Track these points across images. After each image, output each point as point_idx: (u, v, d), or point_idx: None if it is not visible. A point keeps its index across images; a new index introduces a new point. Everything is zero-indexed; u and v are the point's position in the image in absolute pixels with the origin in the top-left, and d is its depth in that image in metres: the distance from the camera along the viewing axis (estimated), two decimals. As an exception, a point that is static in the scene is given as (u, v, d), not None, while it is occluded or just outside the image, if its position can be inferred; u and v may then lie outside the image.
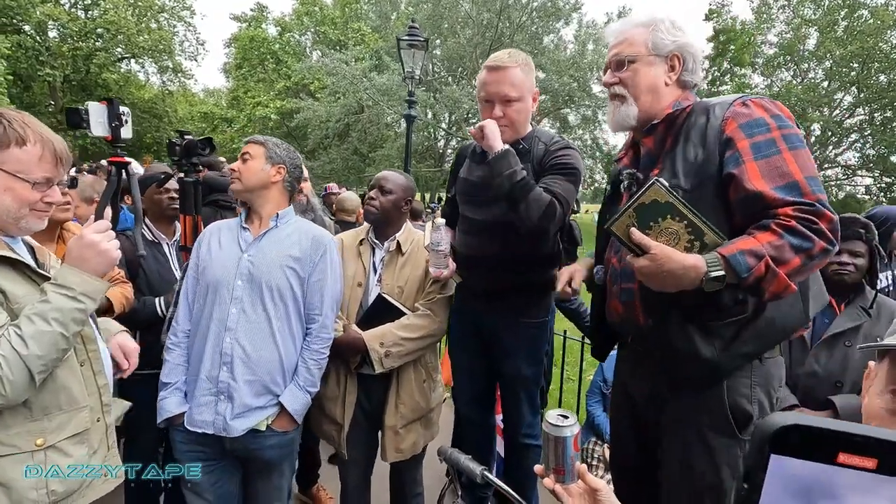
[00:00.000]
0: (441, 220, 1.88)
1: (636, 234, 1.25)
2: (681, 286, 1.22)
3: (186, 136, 1.97)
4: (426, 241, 2.01)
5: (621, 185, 1.54)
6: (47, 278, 1.21)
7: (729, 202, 1.28)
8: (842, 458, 0.30)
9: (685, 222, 1.22)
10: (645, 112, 1.45)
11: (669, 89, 1.44)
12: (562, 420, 0.93)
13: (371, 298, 2.00)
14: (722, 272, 1.18)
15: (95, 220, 1.31)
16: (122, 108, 1.35)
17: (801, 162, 1.23)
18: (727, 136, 1.28)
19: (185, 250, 2.08)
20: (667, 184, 1.25)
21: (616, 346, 1.72)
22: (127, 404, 1.49)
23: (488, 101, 1.87)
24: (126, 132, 1.35)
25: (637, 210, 1.25)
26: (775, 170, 1.22)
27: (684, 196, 1.26)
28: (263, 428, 1.70)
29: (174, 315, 1.78)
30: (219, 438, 1.67)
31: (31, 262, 1.23)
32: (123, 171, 1.38)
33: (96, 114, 1.32)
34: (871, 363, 0.69)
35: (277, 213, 1.78)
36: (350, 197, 4.20)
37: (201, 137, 2.06)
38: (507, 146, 1.75)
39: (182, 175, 2.02)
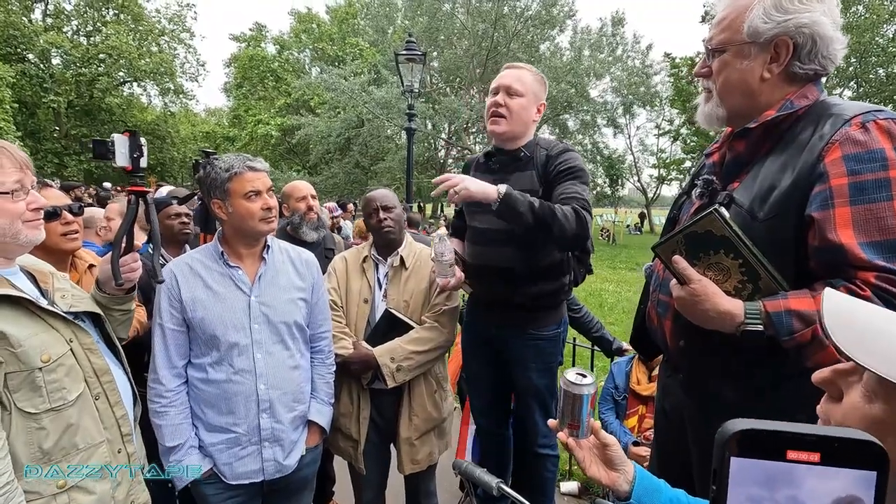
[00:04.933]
0: (442, 231, 1.89)
1: (679, 262, 1.13)
2: (713, 328, 1.10)
3: (212, 156, 2.00)
4: (432, 253, 2.03)
5: (693, 191, 1.33)
6: (52, 313, 1.19)
7: (806, 244, 1.05)
8: (790, 455, 0.34)
9: (740, 261, 1.07)
10: (736, 113, 1.19)
11: (768, 85, 1.13)
12: (580, 378, 0.93)
13: (378, 314, 2.01)
14: (761, 327, 1.03)
15: (113, 246, 1.33)
16: (142, 139, 1.37)
17: None
18: (823, 167, 1.02)
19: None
20: (727, 215, 1.07)
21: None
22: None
23: (494, 92, 1.95)
24: (143, 162, 1.37)
25: (687, 238, 1.12)
26: (875, 221, 0.97)
27: (755, 225, 1.08)
28: (305, 451, 1.72)
29: (152, 370, 1.58)
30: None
31: (35, 295, 1.20)
32: (141, 199, 1.40)
33: (121, 145, 1.34)
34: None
35: (268, 246, 1.70)
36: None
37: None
38: (499, 189, 1.68)
39: None
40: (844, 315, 0.58)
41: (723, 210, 1.09)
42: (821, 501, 0.34)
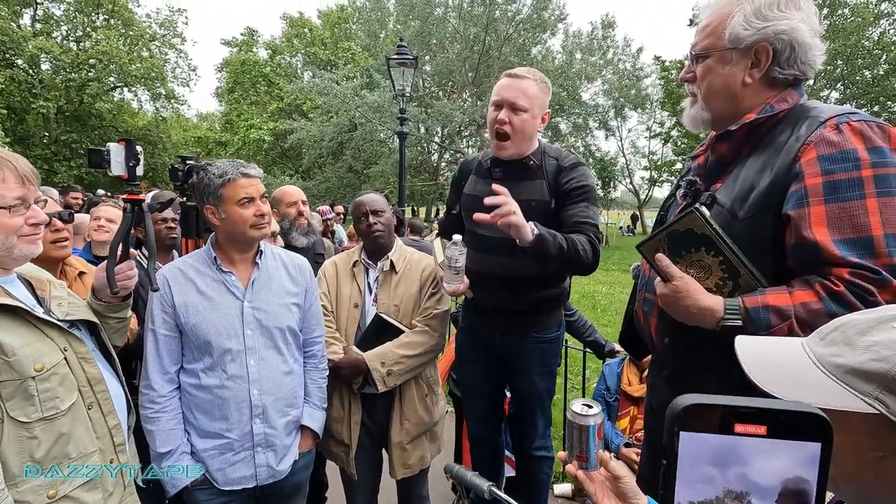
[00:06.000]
0: (458, 237, 1.82)
1: (662, 260, 1.17)
2: (695, 324, 1.13)
3: (189, 161, 1.98)
4: (439, 257, 2.00)
5: (678, 192, 1.37)
6: (47, 322, 1.18)
7: (784, 243, 1.09)
8: (738, 428, 0.35)
9: (720, 258, 1.10)
10: (720, 116, 1.23)
11: (750, 90, 1.18)
12: (586, 409, 0.93)
13: (368, 319, 2.01)
14: (739, 322, 1.06)
15: (109, 254, 1.32)
16: (137, 147, 1.36)
17: (888, 213, 0.98)
18: (799, 167, 1.05)
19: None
20: (707, 214, 1.11)
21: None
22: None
23: (497, 106, 1.88)
24: (139, 170, 1.37)
25: (670, 236, 1.16)
26: (848, 218, 1.00)
27: (735, 225, 1.11)
28: (298, 456, 1.72)
29: (144, 376, 1.58)
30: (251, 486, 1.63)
31: (31, 303, 1.20)
32: (137, 207, 1.39)
33: (116, 154, 1.33)
34: None
35: (261, 251, 1.70)
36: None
37: (205, 163, 2.08)
38: (534, 229, 1.65)
39: (185, 199, 2.05)
40: (761, 358, 0.59)
41: (703, 209, 1.12)
42: (769, 480, 0.34)
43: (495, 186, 1.64)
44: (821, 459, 0.35)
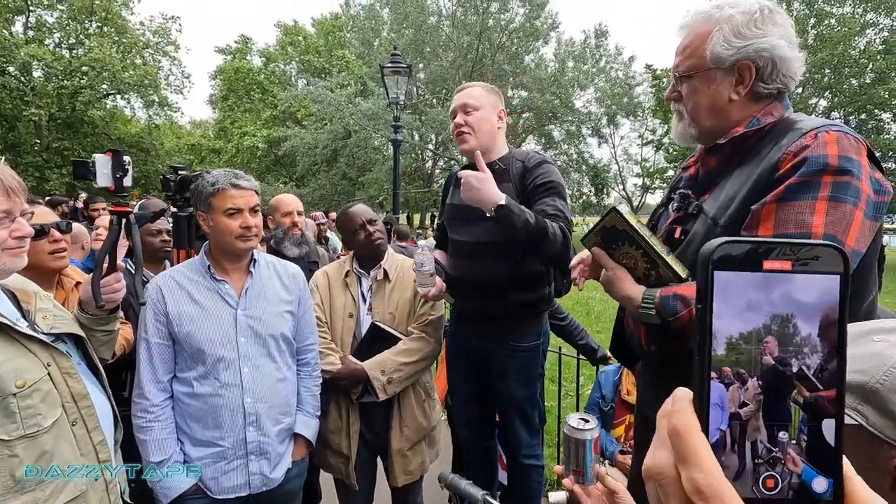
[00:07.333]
0: (424, 242, 1.92)
1: (596, 252, 1.29)
2: (628, 308, 1.24)
3: (180, 172, 1.98)
4: (413, 263, 2.05)
5: (671, 204, 1.38)
6: (30, 337, 1.16)
7: None
8: (765, 265, 0.36)
9: (641, 251, 1.21)
10: (708, 132, 1.25)
11: (736, 105, 1.19)
12: (582, 423, 0.94)
13: (364, 328, 2.02)
14: (654, 311, 1.13)
15: (95, 266, 1.31)
16: (125, 158, 1.36)
17: (834, 217, 0.99)
18: (780, 175, 1.06)
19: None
20: (625, 212, 1.20)
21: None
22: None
23: (454, 116, 2.00)
24: (127, 181, 1.36)
25: (601, 232, 1.28)
26: (794, 216, 1.02)
27: (716, 231, 1.14)
28: (291, 464, 1.72)
29: (136, 386, 1.58)
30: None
31: (14, 317, 1.17)
32: (124, 219, 1.38)
33: (102, 165, 1.32)
34: None
35: (255, 260, 1.72)
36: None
37: (195, 172, 2.08)
38: (503, 196, 1.71)
39: (176, 210, 2.05)
40: None
41: (622, 208, 1.22)
42: (811, 299, 0.36)
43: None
44: (840, 290, 0.36)
